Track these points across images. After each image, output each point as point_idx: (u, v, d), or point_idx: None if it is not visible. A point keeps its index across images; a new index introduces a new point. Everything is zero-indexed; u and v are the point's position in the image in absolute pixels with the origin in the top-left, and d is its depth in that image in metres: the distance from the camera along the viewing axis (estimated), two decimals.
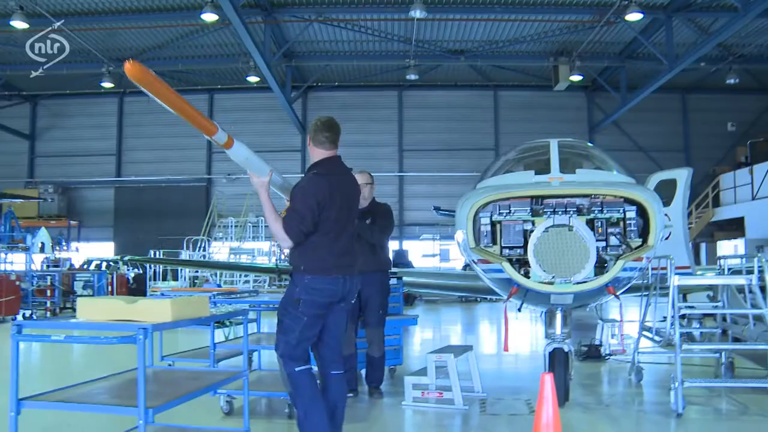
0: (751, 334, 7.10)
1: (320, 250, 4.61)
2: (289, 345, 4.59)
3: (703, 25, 22.11)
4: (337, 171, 4.83)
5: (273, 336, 8.14)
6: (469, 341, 13.49)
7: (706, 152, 29.82)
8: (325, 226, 4.62)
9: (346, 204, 4.77)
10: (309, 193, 4.60)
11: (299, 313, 4.56)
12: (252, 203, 28.34)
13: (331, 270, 4.60)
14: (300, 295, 4.57)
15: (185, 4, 20.33)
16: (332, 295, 4.63)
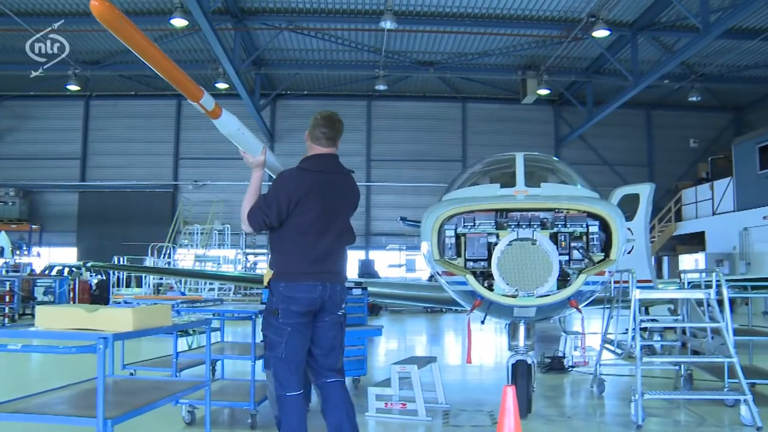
0: (709, 347, 7.22)
1: (295, 253, 4.35)
2: (279, 360, 4.31)
3: (667, 44, 22.58)
4: (326, 169, 4.53)
5: (237, 345, 8.16)
6: (434, 352, 13.50)
7: (669, 167, 30.42)
8: (300, 226, 4.36)
9: (331, 205, 4.46)
10: (283, 187, 4.38)
11: (280, 324, 4.31)
12: (218, 211, 28.16)
13: (306, 276, 4.32)
14: (277, 305, 4.34)
15: (154, 8, 20.16)
16: (310, 303, 4.33)
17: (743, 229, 24.51)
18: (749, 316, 9.68)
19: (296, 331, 4.31)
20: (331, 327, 4.52)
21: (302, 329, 4.34)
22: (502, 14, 20.62)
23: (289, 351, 4.30)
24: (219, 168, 28.95)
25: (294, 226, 4.37)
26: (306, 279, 4.33)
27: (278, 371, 4.33)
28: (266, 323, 4.44)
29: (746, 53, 23.66)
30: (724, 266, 24.79)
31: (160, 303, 5.68)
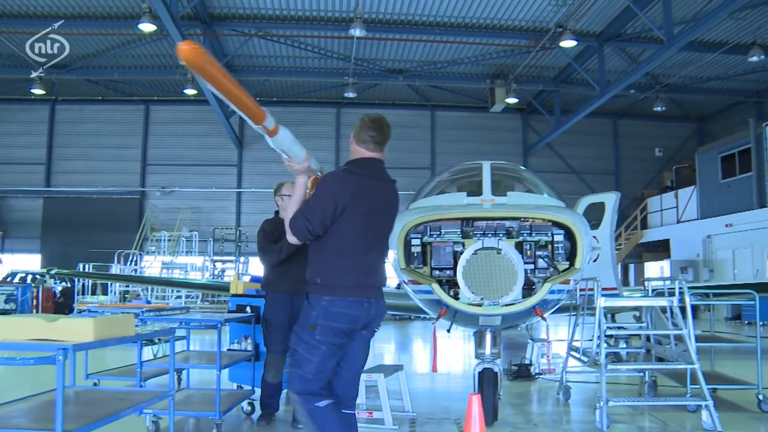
0: (673, 354, 7.31)
1: (342, 265, 3.97)
2: (305, 380, 3.92)
3: (632, 55, 22.95)
4: (374, 174, 4.15)
5: (203, 354, 8.07)
6: (402, 360, 13.51)
7: (635, 176, 30.90)
8: (346, 234, 3.96)
9: (377, 213, 4.09)
10: (328, 190, 3.99)
11: (315, 341, 3.89)
12: (186, 217, 27.91)
13: (354, 290, 3.94)
14: (316, 320, 3.90)
15: (122, 12, 19.94)
16: (354, 321, 3.95)
17: (706, 236, 24.96)
18: (711, 323, 9.84)
19: (331, 352, 3.95)
20: (365, 343, 4.20)
21: (337, 350, 3.99)
22: (471, 23, 20.77)
23: (317, 371, 3.94)
24: (187, 174, 28.74)
25: (339, 234, 3.97)
26: (353, 294, 3.95)
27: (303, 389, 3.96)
28: (298, 339, 3.99)
29: (708, 65, 24.16)
30: (688, 273, 25.22)
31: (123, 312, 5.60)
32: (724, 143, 25.33)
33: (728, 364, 10.22)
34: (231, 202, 29.19)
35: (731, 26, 20.33)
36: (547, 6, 19.35)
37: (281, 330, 6.31)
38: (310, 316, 3.95)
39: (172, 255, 26.69)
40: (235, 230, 28.01)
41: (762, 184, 22.36)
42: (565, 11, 19.34)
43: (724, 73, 25.02)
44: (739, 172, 23.86)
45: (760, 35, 20.96)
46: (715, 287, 10.53)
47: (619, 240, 29.04)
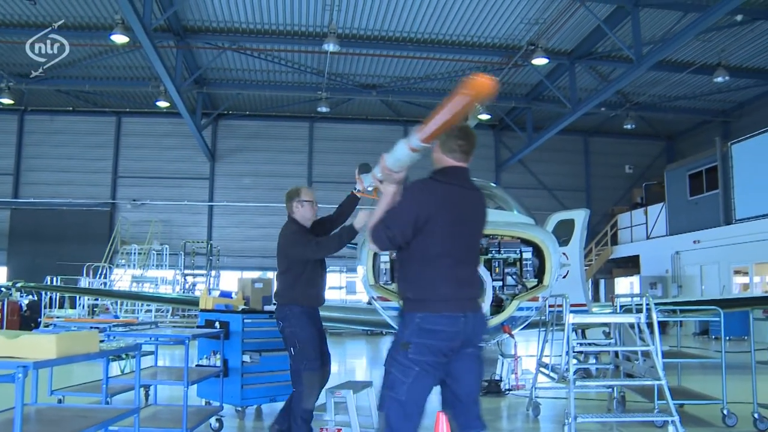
0: (640, 370, 7.39)
1: (433, 278, 3.74)
2: (398, 403, 3.64)
3: (603, 73, 23.28)
4: (460, 183, 3.93)
5: (172, 370, 7.99)
6: (374, 376, 13.46)
7: (606, 192, 31.25)
8: (435, 246, 3.74)
9: (465, 223, 3.88)
10: (413, 199, 3.78)
11: (408, 361, 3.63)
12: (157, 231, 27.65)
13: (447, 303, 3.69)
14: (410, 338, 3.66)
15: (94, 23, 19.78)
16: (451, 338, 3.67)
17: (675, 252, 25.30)
18: (678, 338, 9.95)
19: (425, 372, 3.66)
20: (474, 360, 3.86)
21: (432, 370, 3.69)
22: (444, 40, 20.93)
23: (412, 394, 3.64)
24: (159, 187, 28.50)
25: (426, 245, 3.76)
26: (447, 308, 3.69)
27: (392, 415, 3.66)
28: (391, 359, 3.74)
29: (676, 85, 24.60)
30: (657, 289, 25.51)
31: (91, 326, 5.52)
32: (691, 161, 25.76)
33: (695, 379, 10.34)
34: (203, 215, 28.97)
35: (698, 47, 20.76)
36: (519, 24, 19.58)
37: (316, 345, 5.96)
38: (403, 334, 3.74)
39: (143, 268, 26.39)
40: (206, 244, 27.79)
41: (728, 201, 22.75)
42: (537, 30, 19.58)
43: (692, 93, 25.50)
44: (706, 190, 24.25)
45: (725, 56, 21.44)
46: (681, 303, 10.67)
47: (590, 256, 29.33)
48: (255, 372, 7.85)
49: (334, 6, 18.47)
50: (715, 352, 13.05)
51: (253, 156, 29.18)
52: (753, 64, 22.55)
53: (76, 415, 4.27)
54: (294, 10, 19.17)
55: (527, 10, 18.68)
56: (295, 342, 5.89)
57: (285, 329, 5.98)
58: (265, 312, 8.40)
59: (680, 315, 9.79)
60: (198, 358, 7.95)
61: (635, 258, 28.28)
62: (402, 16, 19.27)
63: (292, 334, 5.91)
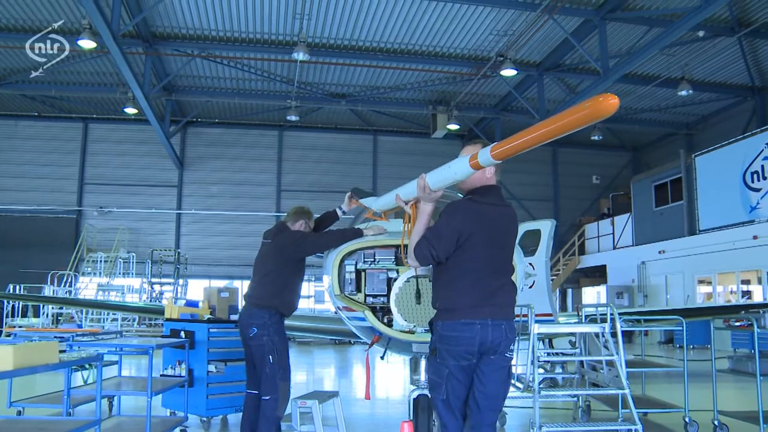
0: (605, 379, 7.46)
1: (460, 290, 4.06)
2: (443, 402, 4.08)
3: (571, 85, 23.58)
4: (494, 201, 4.24)
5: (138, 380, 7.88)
6: (341, 385, 13.44)
7: (573, 203, 31.62)
8: (468, 261, 4.06)
9: (499, 238, 4.17)
10: (454, 220, 4.05)
11: (439, 364, 4.09)
12: (124, 238, 27.32)
13: (466, 312, 4.01)
14: (435, 344, 4.14)
15: (61, 27, 19.43)
16: (469, 343, 3.99)
17: (641, 262, 25.64)
18: (642, 347, 10.08)
19: (453, 374, 4.06)
20: (498, 369, 4.11)
21: (460, 372, 4.07)
22: (414, 50, 21.04)
23: (450, 393, 4.07)
24: (126, 194, 28.18)
25: (462, 261, 4.07)
26: (465, 316, 4.03)
27: (442, 413, 4.12)
28: (428, 363, 4.32)
29: (642, 97, 25.03)
30: (623, 298, 25.83)
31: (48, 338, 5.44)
32: (657, 172, 26.19)
33: (660, 388, 10.50)
34: (170, 223, 28.70)
35: (662, 61, 21.16)
36: (488, 36, 19.77)
37: (288, 354, 6.21)
38: (432, 341, 4.19)
39: (109, 277, 26.02)
40: (174, 252, 27.53)
41: (692, 212, 23.15)
42: (506, 41, 19.78)
43: (657, 106, 25.95)
44: (671, 201, 24.67)
45: (688, 71, 21.90)
46: (645, 313, 10.81)
47: (558, 266, 29.62)
48: (220, 382, 7.79)
49: (304, 15, 18.48)
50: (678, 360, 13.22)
51: (222, 164, 29.01)
52: (715, 78, 23.07)
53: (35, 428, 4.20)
54: (264, 19, 19.14)
55: (496, 21, 18.88)
56: (275, 351, 5.98)
57: (263, 336, 6.00)
58: (231, 321, 8.34)
59: (644, 324, 9.92)
60: (163, 367, 7.87)
61: (602, 268, 28.60)
62: (372, 25, 19.35)
63: (272, 343, 5.98)
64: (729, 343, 17.41)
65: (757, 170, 20.30)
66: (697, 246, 22.52)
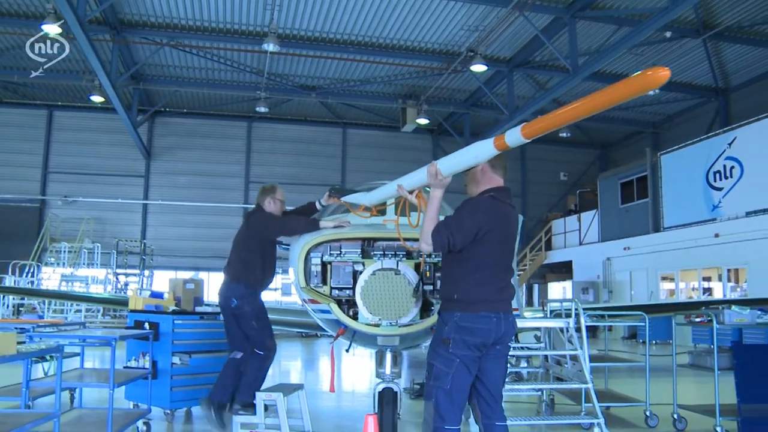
0: (568, 374, 7.55)
1: (474, 283, 4.26)
2: (444, 392, 4.20)
3: (540, 81, 23.77)
4: (508, 201, 4.52)
5: (101, 372, 7.78)
6: (308, 378, 13.44)
7: (541, 198, 31.89)
8: (483, 256, 4.28)
9: (508, 236, 4.46)
10: (476, 212, 4.28)
11: (450, 355, 4.20)
12: (89, 228, 26.92)
13: (483, 305, 4.24)
14: (449, 334, 4.22)
15: (24, 11, 19.08)
16: (486, 335, 4.22)
17: (606, 258, 25.95)
18: (606, 342, 10.22)
19: (464, 364, 4.21)
20: (501, 358, 4.43)
21: (470, 363, 4.24)
22: (384, 43, 21.02)
23: (455, 383, 4.19)
24: (91, 184, 27.74)
25: (478, 254, 4.27)
26: (483, 309, 4.24)
27: (441, 403, 4.21)
28: (434, 353, 4.32)
29: None
30: (589, 294, 26.14)
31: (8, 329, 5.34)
32: (623, 170, 26.52)
33: (623, 382, 10.67)
34: (137, 213, 28.34)
35: (630, 60, 21.44)
36: (459, 31, 19.82)
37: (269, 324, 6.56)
38: (443, 331, 4.28)
39: (73, 267, 25.63)
40: (140, 243, 27.21)
41: (657, 210, 23.49)
42: (477, 36, 19.85)
43: (624, 104, 26.06)
44: (637, 198, 24.99)
45: None
46: (608, 309, 10.95)
47: (524, 261, 29.86)
48: (185, 374, 7.73)
49: (275, 5, 18.33)
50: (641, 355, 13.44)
51: (190, 155, 28.71)
52: (681, 78, 23.45)
53: None
54: (234, 9, 18.96)
55: (467, 17, 18.93)
56: (256, 317, 6.41)
57: (244, 306, 6.38)
58: (197, 313, 8.28)
59: (608, 320, 10.06)
60: (126, 359, 7.79)
61: (568, 263, 28.89)
62: (343, 18, 19.28)
63: (253, 311, 6.41)
64: (690, 338, 17.72)
65: (720, 170, 20.66)
66: (661, 243, 22.86)
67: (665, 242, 22.69)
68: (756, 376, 7.00)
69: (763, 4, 18.19)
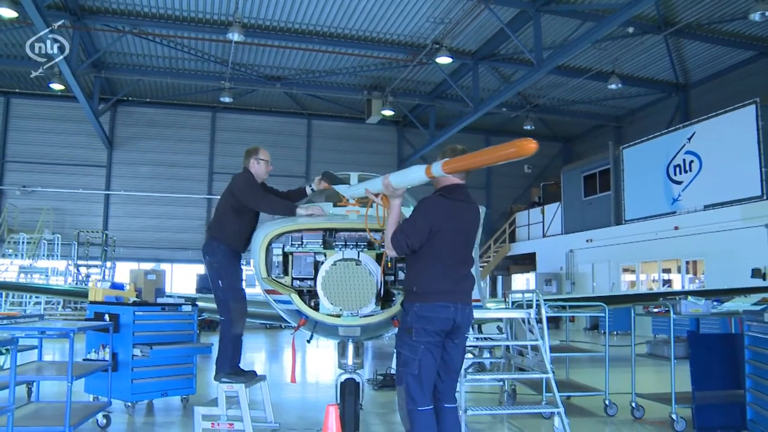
0: (530, 364, 7.64)
1: (431, 276, 4.57)
2: (413, 377, 4.53)
3: (505, 74, 23.91)
4: (462, 198, 4.77)
5: (61, 365, 7.67)
6: (272, 369, 13.38)
7: (505, 191, 32.14)
8: (438, 251, 4.58)
9: (464, 231, 4.72)
10: (427, 214, 4.59)
11: (414, 342, 4.54)
12: (48, 219, 26.44)
13: (440, 295, 4.55)
14: (411, 324, 4.56)
15: None
16: (444, 323, 4.56)
17: (569, 250, 26.28)
18: (567, 333, 10.36)
19: (428, 350, 4.53)
20: (460, 347, 4.77)
21: (433, 348, 4.56)
22: (350, 34, 20.94)
23: (422, 368, 4.52)
24: (51, 174, 27.21)
25: (433, 250, 4.57)
26: (439, 300, 4.54)
27: (411, 387, 4.53)
28: (401, 341, 4.65)
29: (574, 89, 25.61)
30: (552, 285, 26.45)
31: None
32: (586, 163, 26.85)
33: (584, 372, 10.83)
34: (98, 204, 27.89)
35: (594, 55, 21.69)
36: (425, 23, 19.82)
37: (240, 278, 6.51)
38: (406, 320, 4.61)
39: (32, 258, 25.17)
40: (101, 234, 26.80)
41: (619, 202, 23.84)
42: (442, 29, 19.88)
43: (588, 98, 26.59)
44: (600, 191, 25.34)
45: (618, 65, 22.51)
46: (569, 300, 11.11)
47: (488, 252, 30.10)
48: (146, 366, 7.66)
49: None
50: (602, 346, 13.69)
51: (153, 145, 28.34)
52: (643, 74, 23.82)
53: None
54: None
55: (433, 9, 18.93)
56: (223, 274, 6.31)
57: (213, 263, 6.34)
58: (158, 304, 8.20)
59: (569, 311, 10.19)
60: (86, 352, 7.68)
61: (532, 255, 29.19)
62: (308, 8, 19.14)
63: (221, 268, 6.32)
64: (650, 329, 18.05)
65: (680, 164, 21.03)
66: (623, 235, 23.22)
67: (627, 235, 23.05)
68: (710, 364, 7.17)
69: (720, 4, 18.56)
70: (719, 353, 7.25)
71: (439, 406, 4.74)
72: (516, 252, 30.30)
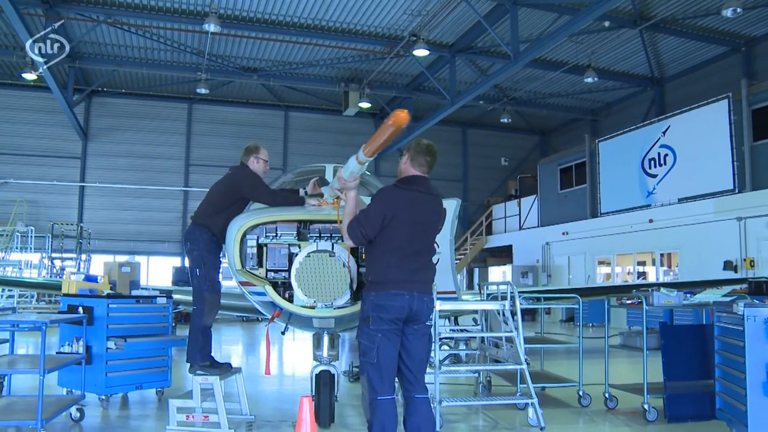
0: (504, 355, 7.70)
1: (386, 265, 4.66)
2: (372, 366, 4.59)
3: (482, 67, 23.96)
4: (421, 189, 4.86)
5: (29, 358, 7.60)
6: (248, 361, 13.37)
7: (482, 183, 32.28)
8: (393, 240, 4.67)
9: (422, 221, 4.80)
10: (380, 203, 4.72)
11: (371, 330, 4.61)
12: (21, 211, 26.10)
13: (395, 284, 4.62)
14: (368, 312, 4.64)
15: None
16: (398, 311, 4.62)
17: (545, 243, 26.46)
18: (542, 325, 10.46)
19: (386, 338, 4.61)
20: (421, 337, 4.82)
21: (391, 336, 4.64)
22: (327, 26, 20.85)
23: (381, 356, 4.59)
24: (24, 165, 26.83)
25: (388, 239, 4.68)
26: (395, 288, 4.62)
27: (371, 376, 4.61)
28: (360, 331, 4.72)
29: (550, 83, 25.73)
30: (528, 278, 26.63)
31: None
32: (562, 156, 27.04)
33: (559, 363, 10.93)
34: (73, 196, 27.57)
35: (570, 48, 21.80)
36: (402, 15, 19.79)
37: (217, 270, 6.46)
38: (363, 309, 4.70)
39: (5, 251, 24.84)
40: (76, 226, 26.49)
41: (595, 195, 24.05)
42: (420, 21, 19.87)
43: (565, 91, 26.74)
44: (576, 184, 25.55)
45: (595, 59, 22.65)
46: (544, 292, 11.19)
47: (465, 245, 30.23)
48: (120, 359, 7.62)
49: None
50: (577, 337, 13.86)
51: (129, 136, 28.04)
52: (619, 67, 24.00)
53: None
54: None
55: (410, 1, 18.91)
56: (201, 263, 6.30)
57: (193, 251, 6.32)
58: (132, 297, 8.15)
59: (544, 303, 10.27)
60: (60, 345, 7.61)
61: (509, 248, 29.36)
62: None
63: (200, 256, 6.30)
64: (625, 320, 18.25)
65: (654, 157, 21.25)
66: (598, 228, 23.43)
67: (602, 227, 23.26)
68: (681, 354, 7.28)
69: None
70: (690, 344, 7.36)
71: (410, 396, 4.79)
72: (493, 244, 30.45)
